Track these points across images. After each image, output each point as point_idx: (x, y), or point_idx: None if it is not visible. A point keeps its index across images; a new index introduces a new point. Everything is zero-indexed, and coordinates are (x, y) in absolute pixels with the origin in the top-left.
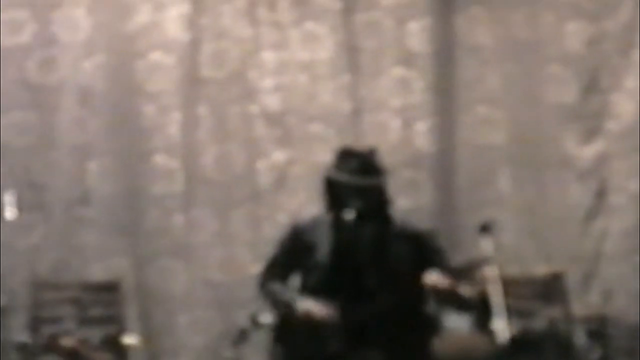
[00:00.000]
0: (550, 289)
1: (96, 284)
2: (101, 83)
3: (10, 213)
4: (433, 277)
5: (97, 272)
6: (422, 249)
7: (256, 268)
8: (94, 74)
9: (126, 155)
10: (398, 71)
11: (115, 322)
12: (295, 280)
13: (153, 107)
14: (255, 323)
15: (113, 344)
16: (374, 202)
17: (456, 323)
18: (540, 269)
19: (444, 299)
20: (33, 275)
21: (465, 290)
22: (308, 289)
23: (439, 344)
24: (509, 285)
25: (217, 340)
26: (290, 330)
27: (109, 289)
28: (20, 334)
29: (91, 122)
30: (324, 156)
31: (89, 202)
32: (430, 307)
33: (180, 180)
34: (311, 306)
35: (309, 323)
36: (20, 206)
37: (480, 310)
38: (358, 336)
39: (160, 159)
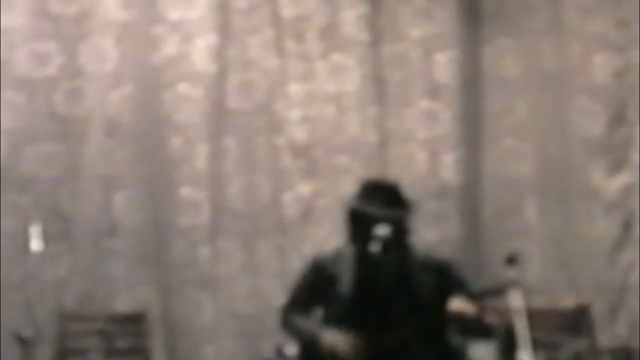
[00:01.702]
0: (577, 320)
1: (122, 315)
2: (128, 114)
3: (36, 245)
4: (457, 304)
5: (123, 303)
6: (445, 279)
7: (282, 299)
8: (121, 105)
9: (153, 187)
10: (425, 103)
11: (141, 354)
12: (318, 313)
13: (180, 138)
14: (280, 354)
15: None
16: (398, 234)
17: (481, 353)
18: (567, 301)
19: (468, 326)
20: (59, 307)
21: (490, 317)
22: (331, 322)
23: None
24: (535, 316)
25: None
26: None
27: (135, 321)
28: None
29: (118, 153)
30: (350, 188)
31: (115, 233)
32: (455, 337)
33: (207, 211)
34: (337, 339)
35: (334, 355)
36: (47, 237)
37: (506, 341)
38: None
39: (186, 191)
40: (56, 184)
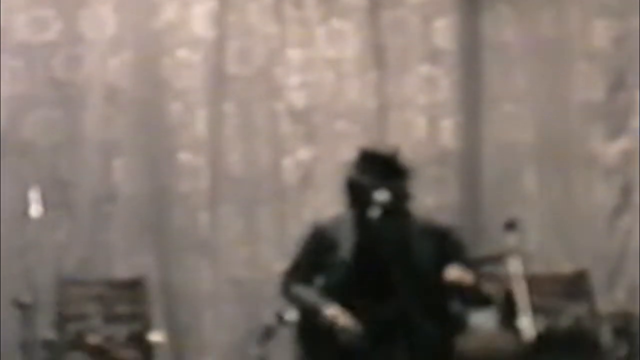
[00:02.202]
0: (576, 286)
1: (121, 281)
2: (127, 80)
3: (35, 210)
4: (454, 273)
5: (123, 270)
6: (444, 246)
7: (281, 266)
8: (120, 72)
9: (152, 153)
10: (424, 69)
11: (141, 319)
12: (320, 281)
13: (179, 104)
14: (280, 320)
15: (139, 342)
16: (397, 199)
17: (481, 321)
18: (566, 267)
19: (466, 294)
20: (59, 273)
21: (487, 285)
22: (332, 288)
23: (464, 342)
24: (534, 283)
25: (243, 338)
26: (314, 328)
27: (134, 287)
28: (46, 332)
29: (117, 120)
30: (350, 153)
31: (114, 200)
32: (455, 304)
33: (206, 177)
34: (338, 314)
35: (333, 329)
36: (46, 204)
37: (505, 307)
38: (383, 333)
39: (185, 157)
40: (55, 150)
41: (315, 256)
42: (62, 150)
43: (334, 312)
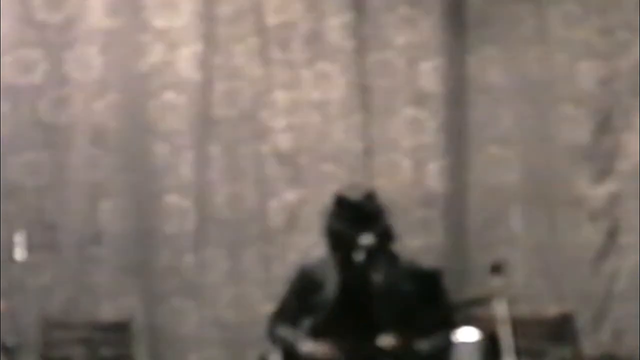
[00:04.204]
0: (561, 329)
1: (107, 323)
2: (113, 122)
3: (20, 254)
4: (385, 341)
5: (108, 312)
6: (431, 289)
7: (267, 307)
8: (106, 113)
9: (138, 195)
10: (410, 111)
11: None
12: (307, 322)
13: (165, 146)
14: None
15: None
16: (381, 241)
17: None
18: (551, 310)
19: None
20: (43, 315)
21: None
22: (317, 329)
23: None
24: (519, 325)
25: None
26: None
27: (119, 329)
28: None
29: (103, 162)
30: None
31: (100, 242)
32: (440, 346)
33: (192, 219)
34: (314, 348)
35: None
36: (32, 246)
37: (490, 349)
38: None
39: (171, 199)
40: (41, 192)
41: (300, 297)
42: (48, 193)
43: (311, 346)
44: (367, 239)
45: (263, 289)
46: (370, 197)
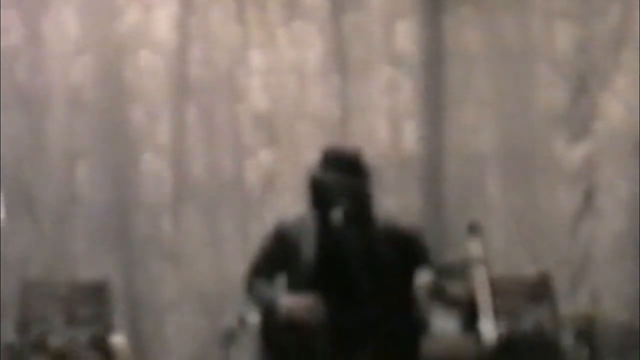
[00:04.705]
0: (538, 290)
1: (84, 283)
2: (90, 86)
3: None
4: (423, 279)
5: (86, 275)
6: (409, 249)
7: (245, 270)
8: (82, 77)
9: (115, 159)
10: (386, 72)
11: (103, 323)
12: (281, 280)
13: (141, 109)
14: (242, 323)
15: (100, 345)
16: (360, 202)
17: (444, 325)
18: (528, 270)
19: (435, 300)
20: (22, 278)
21: (455, 289)
22: (293, 290)
23: (426, 346)
24: (496, 286)
25: (206, 343)
26: (274, 331)
27: (97, 289)
28: (7, 334)
29: (80, 126)
30: (312, 157)
31: (77, 205)
32: (418, 309)
33: (169, 183)
34: (293, 302)
35: (293, 322)
36: (9, 210)
37: (468, 311)
38: (345, 338)
39: (148, 163)
40: (18, 157)
41: (276, 255)
42: (24, 157)
43: (290, 301)
44: (345, 199)
45: (242, 252)
46: (357, 153)
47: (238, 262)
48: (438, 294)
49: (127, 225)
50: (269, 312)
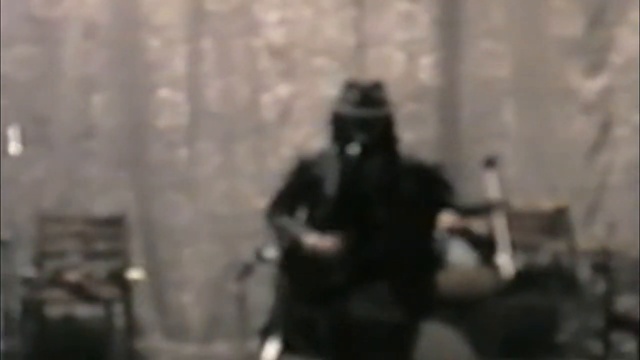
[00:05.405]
0: (555, 222)
1: (101, 218)
2: (106, 15)
3: (14, 147)
4: (449, 219)
5: (102, 206)
6: (430, 183)
7: (260, 201)
8: (98, 7)
9: (131, 88)
10: (402, 5)
11: (120, 256)
12: (302, 213)
13: (158, 40)
14: (259, 257)
15: (117, 278)
16: (380, 136)
17: (461, 258)
18: (545, 203)
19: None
20: (37, 210)
21: (479, 227)
22: (315, 223)
23: (443, 279)
24: (514, 219)
25: (221, 274)
26: (295, 263)
27: (114, 223)
28: (24, 269)
29: (96, 55)
30: (328, 90)
31: (93, 136)
32: (436, 242)
33: (184, 113)
34: (317, 240)
35: (315, 256)
36: (24, 140)
37: (485, 244)
38: (364, 269)
39: (164, 92)
40: (34, 86)
41: (298, 189)
42: (41, 87)
43: (314, 238)
44: (362, 133)
45: (256, 182)
46: (378, 85)
47: (253, 191)
48: (462, 235)
49: (142, 153)
50: (292, 249)
